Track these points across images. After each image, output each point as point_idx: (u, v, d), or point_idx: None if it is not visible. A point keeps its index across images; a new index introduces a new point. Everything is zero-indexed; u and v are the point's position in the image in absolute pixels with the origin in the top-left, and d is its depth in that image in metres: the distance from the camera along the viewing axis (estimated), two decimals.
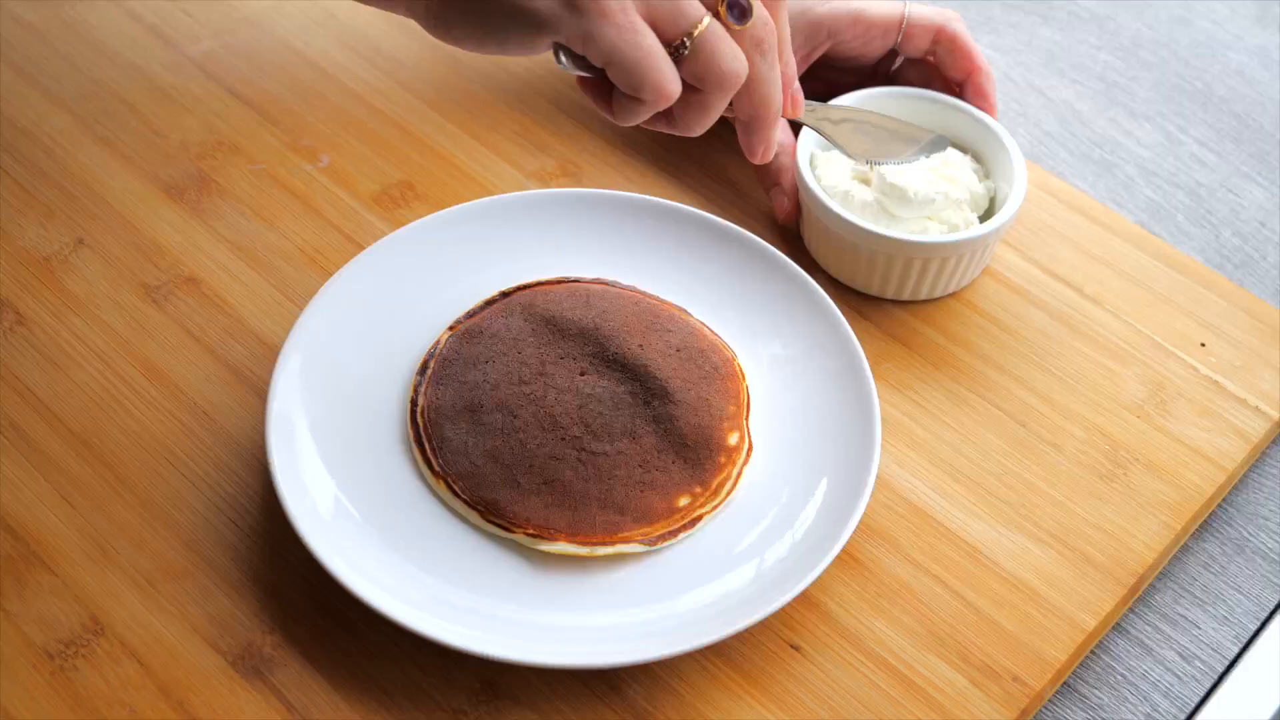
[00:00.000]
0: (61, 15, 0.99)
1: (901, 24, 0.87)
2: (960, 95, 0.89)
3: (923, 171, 0.84)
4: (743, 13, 0.65)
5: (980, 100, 0.88)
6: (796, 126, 0.87)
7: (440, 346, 0.79)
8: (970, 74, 0.87)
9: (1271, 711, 0.73)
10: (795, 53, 0.87)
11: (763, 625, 0.71)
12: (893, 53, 0.89)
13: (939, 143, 0.83)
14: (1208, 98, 1.03)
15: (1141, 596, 0.76)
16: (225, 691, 0.68)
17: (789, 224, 0.88)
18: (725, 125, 0.75)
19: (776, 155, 0.87)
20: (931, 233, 0.83)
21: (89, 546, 0.73)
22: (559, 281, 0.82)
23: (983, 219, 0.86)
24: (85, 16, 0.99)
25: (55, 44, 0.97)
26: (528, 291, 0.81)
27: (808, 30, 0.87)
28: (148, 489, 0.75)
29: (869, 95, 0.88)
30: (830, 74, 0.91)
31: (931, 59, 0.89)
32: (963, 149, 0.88)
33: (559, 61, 0.66)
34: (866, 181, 0.85)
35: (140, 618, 0.70)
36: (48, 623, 0.70)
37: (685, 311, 0.81)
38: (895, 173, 0.83)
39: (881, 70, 0.91)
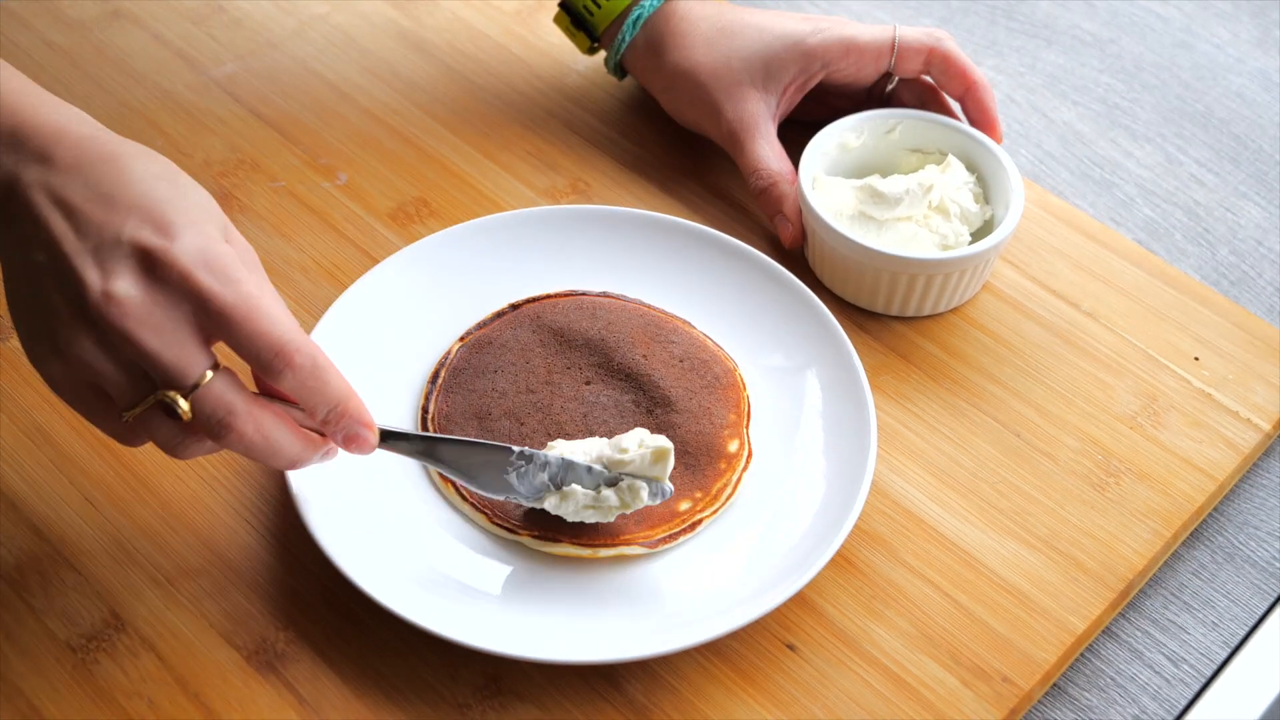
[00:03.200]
0: (91, 39, 1.02)
1: (893, 48, 0.89)
2: (962, 110, 0.91)
3: (901, 177, 0.87)
4: (169, 412, 0.65)
5: (980, 113, 0.90)
6: (796, 151, 0.89)
7: (451, 356, 0.81)
8: (968, 89, 0.90)
9: (1258, 715, 0.74)
10: (790, 83, 0.90)
11: (759, 625, 0.73)
12: (887, 74, 0.92)
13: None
14: (1208, 119, 1.05)
15: (1132, 602, 0.78)
16: (240, 685, 0.71)
17: (794, 249, 0.90)
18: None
19: (777, 183, 0.89)
20: (923, 242, 0.85)
21: (111, 546, 0.75)
22: (566, 294, 0.85)
23: (977, 238, 0.88)
24: (114, 40, 1.02)
25: (85, 67, 1.00)
26: (536, 304, 0.84)
27: (801, 61, 0.90)
28: (167, 491, 0.78)
29: (867, 118, 0.90)
30: (827, 99, 0.94)
31: (927, 78, 0.91)
32: (969, 169, 0.90)
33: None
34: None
35: (159, 614, 0.73)
36: (71, 618, 0.73)
37: (689, 324, 0.84)
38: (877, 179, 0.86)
39: (877, 92, 0.94)
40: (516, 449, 0.72)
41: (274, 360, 0.64)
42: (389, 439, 0.70)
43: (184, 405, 0.63)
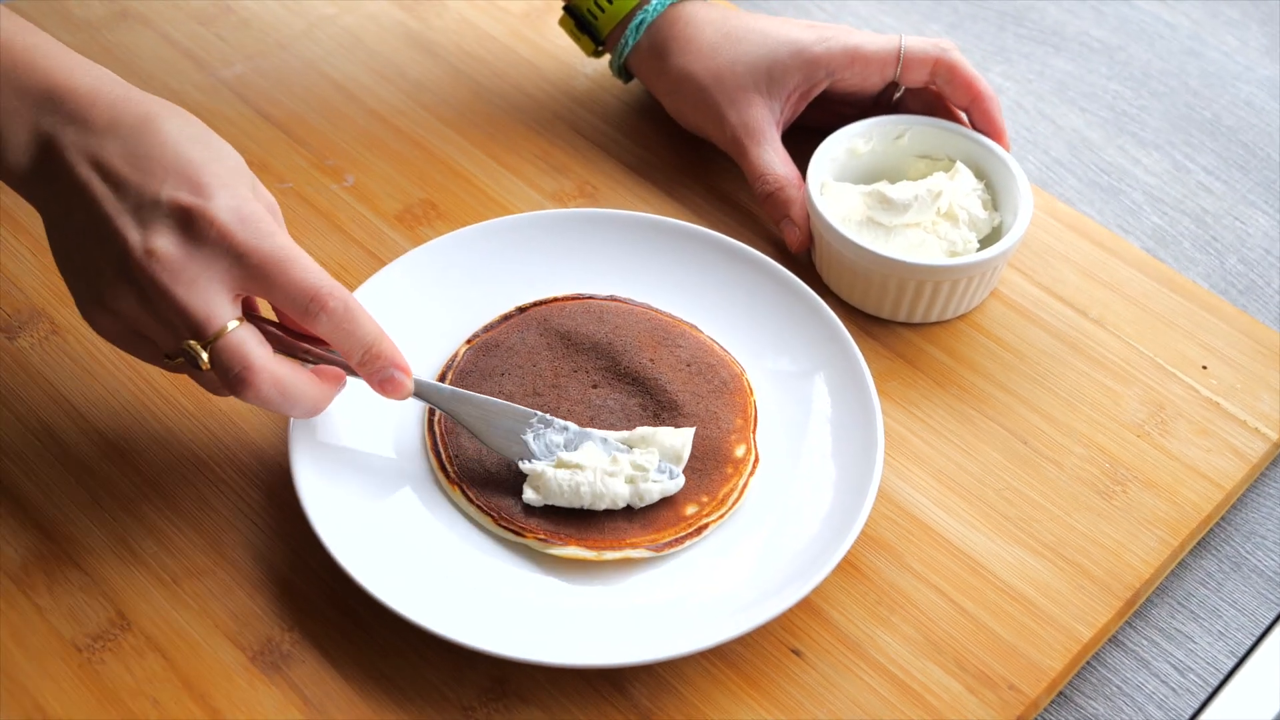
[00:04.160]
0: (99, 40, 1.02)
1: (898, 57, 0.89)
2: (969, 120, 0.91)
3: (909, 183, 0.87)
4: (192, 361, 0.68)
5: (986, 124, 0.90)
6: (803, 156, 0.89)
7: (458, 359, 0.81)
8: (974, 100, 0.90)
9: None
10: (793, 91, 0.90)
11: (764, 630, 0.73)
12: (894, 83, 0.92)
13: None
14: (1216, 127, 1.05)
15: (1139, 610, 0.78)
16: (245, 685, 0.71)
17: (800, 253, 0.90)
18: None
19: (783, 187, 0.89)
20: (931, 249, 0.85)
21: (117, 545, 0.75)
22: (574, 298, 0.85)
23: (985, 245, 0.88)
24: (123, 40, 1.02)
25: None
26: (543, 307, 0.84)
27: (805, 69, 0.89)
28: (174, 492, 0.78)
29: (876, 124, 0.90)
30: (833, 106, 0.94)
31: (934, 88, 0.91)
32: (978, 175, 0.90)
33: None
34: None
35: (165, 614, 0.73)
36: (77, 617, 0.73)
37: (696, 328, 0.84)
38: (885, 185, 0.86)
39: (884, 100, 0.94)
40: (538, 413, 0.76)
41: (310, 304, 0.68)
42: (419, 387, 0.74)
43: (204, 356, 0.67)
